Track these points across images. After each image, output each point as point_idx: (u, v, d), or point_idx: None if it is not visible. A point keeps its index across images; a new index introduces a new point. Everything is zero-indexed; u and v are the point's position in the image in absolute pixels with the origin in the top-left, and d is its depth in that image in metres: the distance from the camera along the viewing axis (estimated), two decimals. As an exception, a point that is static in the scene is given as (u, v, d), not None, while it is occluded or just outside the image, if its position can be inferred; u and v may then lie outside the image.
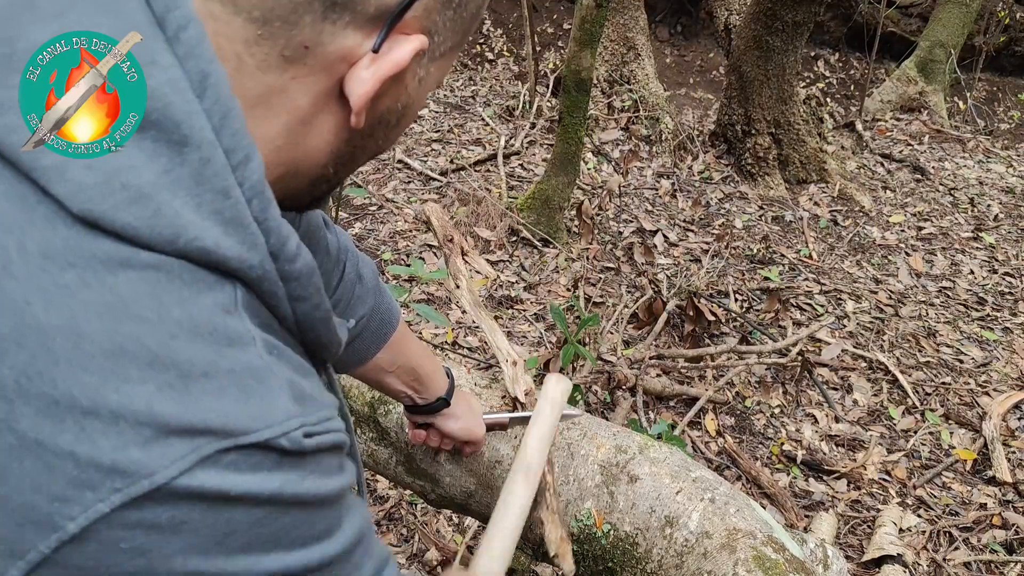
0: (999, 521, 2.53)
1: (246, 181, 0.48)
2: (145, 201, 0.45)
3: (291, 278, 0.53)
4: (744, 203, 4.64)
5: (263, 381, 0.47)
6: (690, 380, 3.01)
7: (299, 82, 0.51)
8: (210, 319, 0.46)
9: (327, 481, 0.52)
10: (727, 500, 1.21)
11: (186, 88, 0.47)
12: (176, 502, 0.43)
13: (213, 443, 0.44)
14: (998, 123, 7.09)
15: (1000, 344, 3.52)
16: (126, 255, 0.44)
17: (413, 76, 0.56)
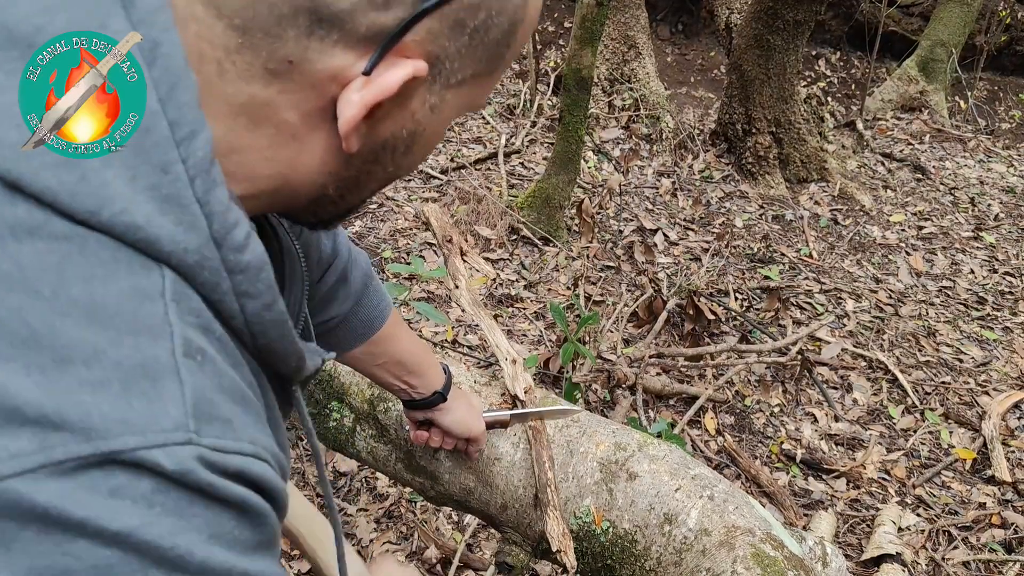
0: (998, 520, 2.53)
1: (190, 157, 0.44)
2: (71, 166, 0.42)
3: (237, 270, 0.46)
4: (744, 202, 4.64)
5: (157, 381, 0.40)
6: (690, 379, 3.01)
7: (286, 97, 0.48)
8: (117, 303, 0.41)
9: (220, 550, 0.41)
10: (726, 498, 1.21)
11: (136, 55, 0.44)
12: (10, 512, 0.36)
13: (69, 445, 0.37)
14: (999, 123, 7.09)
15: (1000, 344, 3.52)
16: (38, 222, 0.40)
17: (421, 102, 0.53)
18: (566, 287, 3.55)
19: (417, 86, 0.51)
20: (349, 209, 0.61)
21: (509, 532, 1.29)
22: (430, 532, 2.25)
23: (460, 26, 0.49)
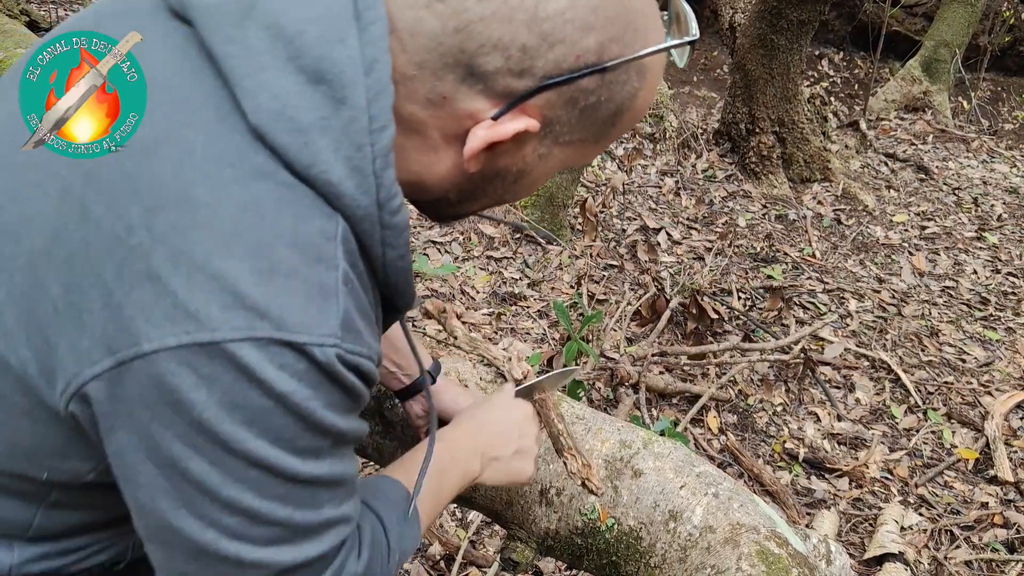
0: (1000, 520, 2.53)
1: (377, 143, 0.59)
2: (301, 133, 0.57)
3: (389, 227, 0.62)
4: (747, 201, 4.64)
5: (326, 299, 0.57)
6: (692, 378, 3.02)
7: (434, 120, 0.63)
8: (310, 237, 0.57)
9: (330, 413, 0.59)
10: (731, 495, 1.22)
11: (359, 65, 0.58)
12: (221, 361, 0.54)
13: (267, 329, 0.54)
14: (1002, 123, 7.08)
15: (1003, 344, 3.52)
16: (271, 169, 0.57)
17: (532, 150, 0.67)
18: (569, 286, 3.55)
19: (530, 138, 0.66)
20: (462, 214, 0.77)
21: (514, 528, 1.30)
22: (434, 529, 2.25)
23: (573, 102, 0.64)
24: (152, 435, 0.56)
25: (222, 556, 0.60)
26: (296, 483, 0.60)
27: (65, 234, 0.57)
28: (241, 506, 0.59)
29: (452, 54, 0.59)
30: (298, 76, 0.58)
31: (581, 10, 0.60)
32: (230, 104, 0.58)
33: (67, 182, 0.58)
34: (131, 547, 0.80)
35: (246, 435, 0.56)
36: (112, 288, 0.55)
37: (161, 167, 0.57)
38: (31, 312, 0.58)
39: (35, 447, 0.65)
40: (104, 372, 0.55)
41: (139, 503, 0.61)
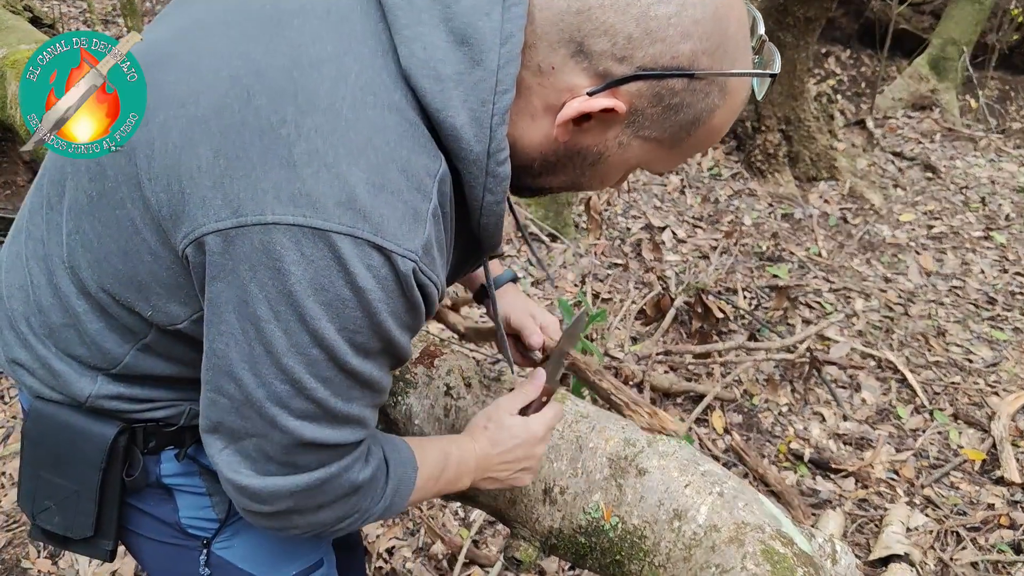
0: (1007, 521, 2.52)
1: (498, 103, 0.70)
2: (440, 82, 0.69)
3: (492, 174, 0.73)
4: (753, 200, 4.62)
5: (417, 222, 0.68)
6: (697, 377, 3.00)
7: (539, 88, 0.73)
8: (416, 169, 0.68)
9: (392, 320, 0.70)
10: (736, 494, 1.21)
11: (496, 35, 0.69)
12: (323, 245, 0.65)
13: (365, 231, 0.65)
14: (1010, 122, 7.04)
15: (1010, 344, 3.50)
16: (404, 107, 0.69)
17: (615, 136, 0.76)
18: (574, 284, 3.54)
19: (615, 121, 0.74)
20: (539, 187, 0.86)
21: (517, 527, 1.29)
22: (437, 528, 2.24)
23: (659, 97, 0.72)
24: (246, 291, 0.67)
25: (262, 413, 0.72)
26: (342, 371, 0.71)
27: (227, 111, 0.67)
28: (293, 375, 0.70)
29: (569, 31, 0.69)
30: (448, 36, 0.69)
31: (685, 20, 0.68)
32: (387, 45, 0.69)
33: (239, 72, 0.68)
34: (185, 414, 0.91)
35: (321, 315, 0.67)
36: (255, 163, 0.65)
37: (320, 81, 0.67)
38: (177, 165, 0.68)
39: (149, 281, 0.76)
40: (225, 229, 0.66)
41: (214, 348, 0.72)
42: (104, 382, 0.86)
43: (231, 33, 0.72)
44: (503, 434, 1.08)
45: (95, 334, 0.83)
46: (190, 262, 0.70)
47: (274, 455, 0.75)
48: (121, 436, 0.88)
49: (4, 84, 2.44)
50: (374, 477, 0.85)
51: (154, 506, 0.95)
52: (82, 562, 2.02)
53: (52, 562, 2.03)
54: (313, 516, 0.81)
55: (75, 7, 5.66)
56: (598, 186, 0.86)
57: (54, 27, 3.70)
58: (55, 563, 2.03)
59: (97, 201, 0.76)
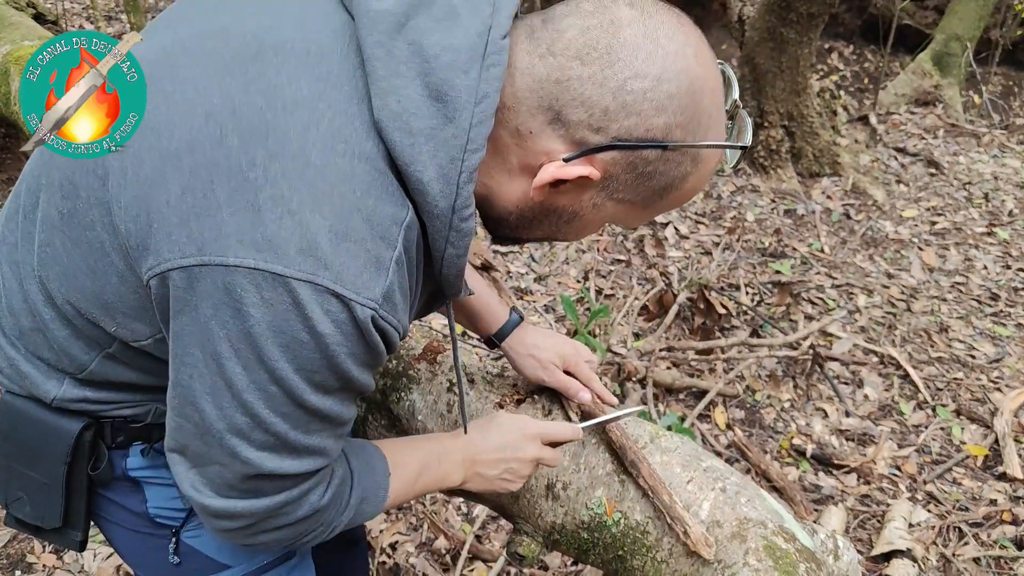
0: (1009, 517, 2.52)
1: (467, 160, 0.71)
2: (411, 136, 0.69)
3: (456, 229, 0.74)
4: (756, 196, 4.62)
5: (379, 271, 0.69)
6: (700, 373, 3.00)
7: (516, 149, 0.76)
8: (382, 219, 0.69)
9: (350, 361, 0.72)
10: (738, 490, 1.21)
11: (472, 94, 0.70)
12: (282, 291, 0.66)
13: (325, 278, 0.66)
14: (1013, 118, 7.03)
15: (1013, 340, 3.49)
16: (374, 156, 0.69)
17: (590, 198, 0.79)
18: (576, 280, 3.54)
19: (590, 186, 0.77)
20: (516, 238, 0.88)
21: (520, 523, 1.29)
22: (440, 523, 2.25)
23: (632, 166, 0.75)
24: (209, 328, 0.68)
25: (223, 444, 0.74)
26: (300, 408, 0.73)
27: (199, 148, 0.68)
28: (252, 410, 0.72)
29: (548, 99, 0.72)
30: (423, 90, 0.69)
31: (660, 95, 0.71)
32: (362, 92, 0.70)
33: (215, 108, 0.69)
34: (152, 413, 0.92)
35: (279, 356, 0.69)
36: (222, 205, 0.66)
37: (292, 124, 0.67)
38: (147, 197, 0.69)
39: (114, 302, 0.78)
40: (190, 266, 0.67)
41: (178, 378, 0.73)
42: (70, 385, 0.88)
43: (211, 64, 0.72)
44: (492, 427, 1.10)
45: (62, 340, 0.85)
46: (153, 292, 0.72)
47: (235, 483, 0.77)
48: (86, 431, 0.90)
49: (8, 80, 2.45)
50: (335, 496, 0.87)
51: (123, 497, 0.97)
52: (86, 556, 2.03)
53: (57, 556, 2.04)
54: (274, 534, 0.84)
55: (78, 3, 5.66)
56: (574, 238, 0.88)
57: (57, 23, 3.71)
58: (60, 557, 2.03)
59: (68, 219, 0.77)
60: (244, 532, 0.82)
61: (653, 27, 0.72)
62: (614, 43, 0.71)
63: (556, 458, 1.12)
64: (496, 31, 0.72)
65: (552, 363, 1.24)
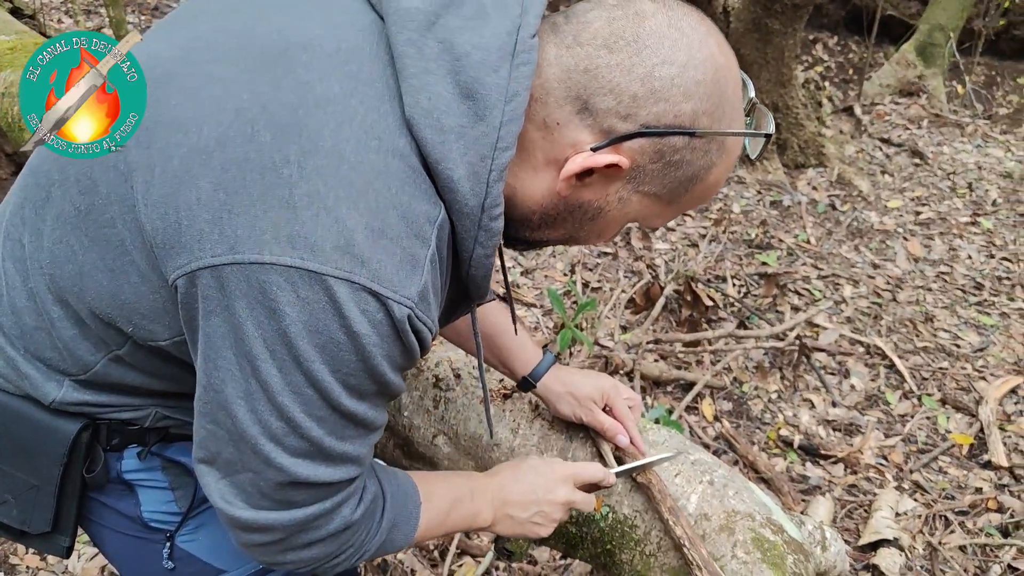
0: (995, 505, 2.54)
1: (497, 159, 0.71)
2: (442, 133, 0.69)
3: (485, 228, 0.73)
4: (742, 187, 4.62)
5: (415, 269, 0.69)
6: (687, 365, 3.01)
7: (543, 143, 0.75)
8: (416, 216, 0.69)
9: (386, 363, 0.71)
10: (726, 482, 1.21)
11: (503, 93, 0.70)
12: (319, 289, 0.65)
13: (362, 276, 0.65)
14: (996, 107, 7.07)
15: (997, 329, 3.52)
16: (407, 153, 0.69)
17: (616, 191, 0.78)
18: (563, 273, 3.54)
19: (617, 176, 0.76)
20: (536, 240, 0.87)
21: (508, 518, 1.29)
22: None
23: (660, 154, 0.74)
24: (243, 329, 0.67)
25: (257, 450, 0.72)
26: (336, 411, 0.72)
27: (230, 144, 0.67)
28: (288, 414, 0.70)
29: (576, 89, 0.72)
30: (454, 88, 0.69)
31: (688, 81, 0.71)
32: (393, 90, 0.70)
33: (244, 105, 0.68)
34: (150, 416, 0.90)
35: (315, 357, 0.68)
36: (255, 201, 0.65)
37: (325, 121, 0.67)
38: (175, 194, 0.68)
39: (133, 302, 0.76)
40: (221, 264, 0.66)
41: (210, 382, 0.71)
42: (70, 388, 0.86)
43: (237, 61, 0.71)
44: (523, 467, 1.07)
45: (68, 340, 0.83)
46: (180, 293, 0.70)
47: (268, 491, 0.76)
48: (84, 432, 0.88)
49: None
50: (368, 513, 0.85)
51: (115, 500, 0.95)
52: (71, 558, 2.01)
53: (41, 558, 2.02)
54: (305, 551, 0.82)
55: (56, -3, 5.58)
56: (595, 240, 0.87)
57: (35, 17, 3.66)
58: (43, 559, 2.01)
59: (85, 215, 0.75)
60: (274, 548, 0.80)
61: (677, 17, 0.73)
62: (640, 32, 0.71)
63: (588, 502, 1.09)
64: (525, 30, 0.72)
65: (591, 400, 1.20)
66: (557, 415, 1.25)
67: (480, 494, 1.02)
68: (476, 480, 1.05)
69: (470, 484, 1.03)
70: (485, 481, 1.05)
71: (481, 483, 1.04)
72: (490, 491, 1.03)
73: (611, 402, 1.20)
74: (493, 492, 1.03)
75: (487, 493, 1.03)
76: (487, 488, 1.03)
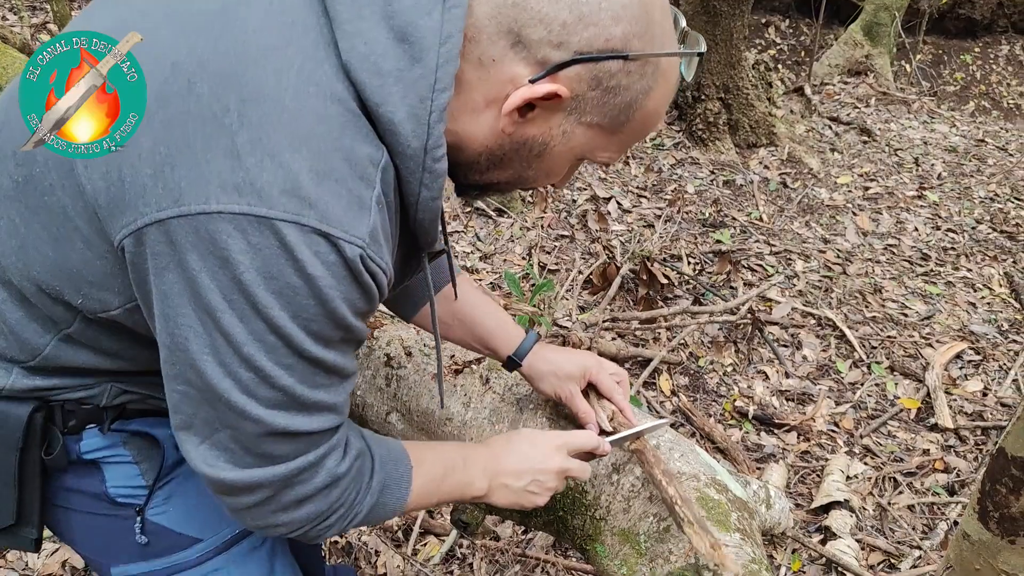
0: (941, 465, 2.63)
1: (436, 100, 0.71)
2: (380, 77, 0.70)
3: (429, 170, 0.74)
4: (696, 168, 4.69)
5: (362, 209, 0.70)
6: (644, 342, 3.06)
7: (481, 82, 0.75)
8: (359, 158, 0.70)
9: (345, 306, 0.71)
10: (671, 446, 1.25)
11: (436, 35, 0.71)
12: (269, 234, 0.66)
13: (312, 219, 0.66)
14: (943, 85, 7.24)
15: (943, 298, 3.63)
16: (345, 98, 0.70)
17: (559, 124, 0.79)
18: (521, 257, 3.57)
19: (558, 108, 0.77)
20: (486, 185, 0.87)
21: (463, 490, 1.31)
22: (391, 501, 2.26)
23: (597, 80, 0.75)
24: (198, 282, 0.67)
25: (231, 404, 0.72)
26: (303, 359, 0.73)
27: (169, 99, 0.67)
28: (255, 363, 0.71)
29: (507, 22, 0.72)
30: (388, 32, 0.70)
31: (615, 5, 0.72)
32: (328, 38, 0.71)
33: (181, 60, 0.68)
34: (106, 394, 0.90)
35: (273, 303, 0.68)
36: (197, 152, 0.65)
37: (263, 71, 0.67)
38: (116, 153, 0.68)
39: (80, 270, 0.75)
40: (167, 218, 0.66)
41: (174, 341, 0.71)
42: (19, 375, 0.85)
43: (175, 24, 0.71)
44: (516, 438, 1.08)
45: (14, 324, 0.82)
46: (128, 253, 0.69)
47: (249, 445, 0.76)
48: (36, 414, 0.87)
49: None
50: (355, 469, 0.85)
51: (78, 481, 0.94)
52: (30, 554, 1.99)
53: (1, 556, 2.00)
54: (295, 511, 0.82)
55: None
56: (544, 180, 0.87)
57: (-27, 13, 3.57)
58: (3, 556, 2.00)
59: (23, 186, 0.74)
60: (265, 508, 0.80)
61: None
62: None
63: (584, 469, 1.10)
64: None
65: (572, 379, 1.21)
66: (540, 394, 1.26)
67: (473, 463, 1.03)
68: (468, 449, 1.06)
69: (462, 453, 1.04)
70: (478, 451, 1.05)
71: (473, 452, 1.05)
72: (483, 460, 1.04)
73: (595, 378, 1.22)
74: (486, 461, 1.04)
75: (479, 462, 1.03)
76: (479, 457, 1.04)
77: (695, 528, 1.05)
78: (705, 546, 1.03)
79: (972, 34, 8.13)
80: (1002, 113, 6.82)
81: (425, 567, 2.03)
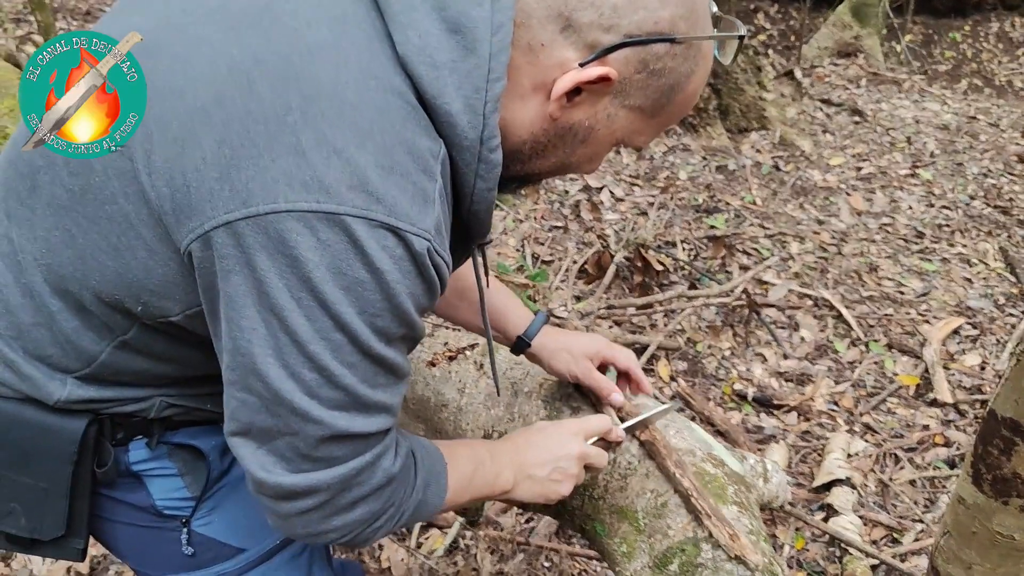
0: (941, 440, 2.64)
1: (491, 91, 0.72)
2: (436, 69, 0.70)
3: (485, 161, 0.75)
4: (687, 154, 4.69)
5: (427, 203, 0.70)
6: (641, 329, 3.06)
7: (529, 67, 0.75)
8: (421, 151, 0.70)
9: (409, 302, 0.71)
10: (667, 423, 1.25)
11: (488, 26, 0.71)
12: (337, 230, 0.66)
13: (380, 213, 0.66)
14: (934, 64, 7.24)
15: (938, 274, 3.63)
16: (404, 91, 0.70)
17: (604, 109, 0.79)
18: (515, 249, 3.57)
19: (605, 92, 0.77)
20: (527, 175, 0.87)
21: (460, 476, 1.32)
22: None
23: (644, 63, 0.75)
24: (265, 283, 0.67)
25: (294, 407, 0.72)
26: (366, 356, 0.72)
27: (228, 101, 0.66)
28: (320, 362, 0.70)
29: (557, 7, 0.72)
30: (441, 24, 0.70)
31: None
32: (381, 31, 0.71)
33: (235, 60, 0.68)
34: (155, 407, 0.90)
35: (341, 299, 0.68)
36: (262, 152, 0.65)
37: (321, 67, 0.67)
38: (179, 157, 0.67)
39: (141, 279, 0.75)
40: (235, 220, 0.65)
41: (236, 346, 0.71)
42: (74, 386, 0.84)
43: (222, 21, 0.71)
44: (534, 431, 1.09)
45: (70, 333, 0.81)
46: (194, 258, 0.69)
47: (307, 451, 0.75)
48: (91, 428, 0.87)
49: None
50: (405, 467, 0.85)
51: (125, 493, 0.94)
52: (35, 561, 2.00)
53: (4, 563, 2.00)
54: (349, 513, 0.81)
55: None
56: (586, 166, 0.87)
57: (-41, 25, 3.56)
58: (7, 564, 2.00)
59: (81, 197, 0.73)
60: (319, 513, 0.79)
61: None
62: None
63: (601, 455, 1.10)
64: None
65: (586, 356, 1.21)
66: (552, 372, 1.25)
67: (498, 457, 1.02)
68: (490, 445, 1.06)
69: (486, 447, 1.04)
70: (501, 445, 1.05)
71: (496, 447, 1.05)
72: (507, 454, 1.04)
73: (610, 357, 1.22)
74: (510, 455, 1.04)
75: (504, 455, 1.03)
76: (504, 451, 1.04)
77: (713, 520, 1.05)
78: (725, 537, 1.03)
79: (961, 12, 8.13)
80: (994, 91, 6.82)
81: (429, 559, 2.03)
